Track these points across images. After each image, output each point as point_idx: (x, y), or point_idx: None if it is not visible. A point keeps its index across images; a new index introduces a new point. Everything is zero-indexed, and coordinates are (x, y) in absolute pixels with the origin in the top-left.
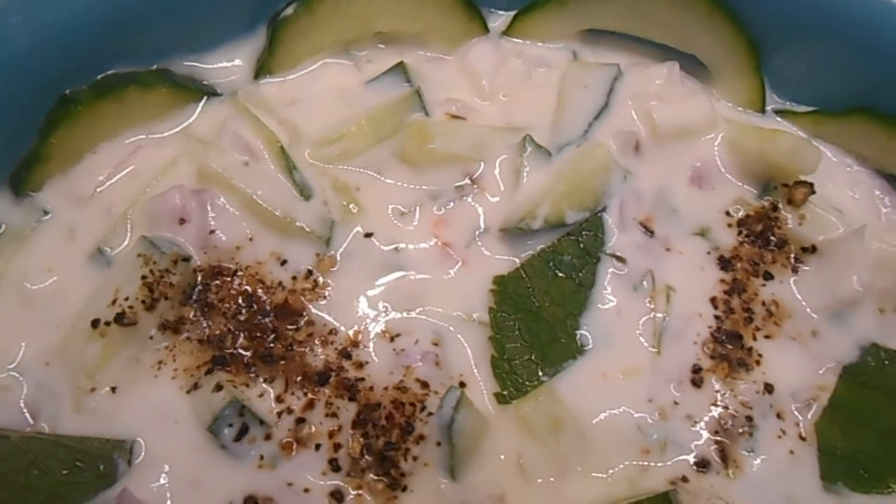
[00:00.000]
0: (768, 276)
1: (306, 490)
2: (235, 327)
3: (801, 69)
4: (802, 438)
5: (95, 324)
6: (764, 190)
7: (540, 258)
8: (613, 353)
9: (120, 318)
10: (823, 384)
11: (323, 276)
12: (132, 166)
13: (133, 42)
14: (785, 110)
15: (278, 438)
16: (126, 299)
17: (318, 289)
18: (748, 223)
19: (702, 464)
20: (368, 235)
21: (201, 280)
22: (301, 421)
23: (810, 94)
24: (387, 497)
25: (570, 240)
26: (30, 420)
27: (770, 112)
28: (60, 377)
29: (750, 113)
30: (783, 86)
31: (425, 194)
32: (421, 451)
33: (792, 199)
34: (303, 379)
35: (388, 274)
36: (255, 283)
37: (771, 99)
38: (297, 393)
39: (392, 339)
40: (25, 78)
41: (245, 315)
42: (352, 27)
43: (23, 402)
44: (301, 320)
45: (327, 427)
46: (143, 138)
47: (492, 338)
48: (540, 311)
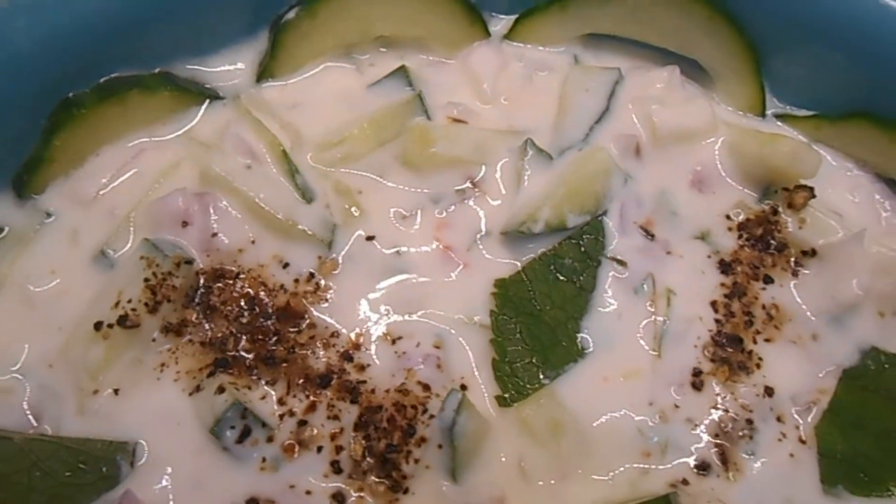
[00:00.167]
0: (768, 280)
1: (308, 492)
2: (237, 330)
3: (802, 73)
4: (802, 441)
5: (98, 326)
6: (764, 194)
7: (541, 261)
8: (614, 356)
9: (123, 321)
10: (823, 387)
11: (325, 279)
12: (135, 169)
13: (136, 45)
14: (785, 114)
15: (280, 441)
16: (129, 301)
17: (320, 292)
18: (748, 227)
19: (702, 467)
20: (370, 238)
21: (204, 283)
22: (303, 423)
23: (810, 99)
24: (388, 499)
25: (571, 243)
26: (33, 422)
27: (770, 116)
28: (63, 379)
29: (750, 117)
30: (783, 90)
31: (427, 197)
32: (422, 454)
33: (792, 203)
34: (305, 381)
35: (390, 277)
36: (258, 286)
37: (771, 103)
38: (299, 395)
39: (394, 342)
40: (29, 81)
41: (247, 318)
42: (353, 31)
43: (26, 404)
44: (303, 323)
45: (329, 429)
46: (146, 141)
47: (493, 341)
48: (541, 315)
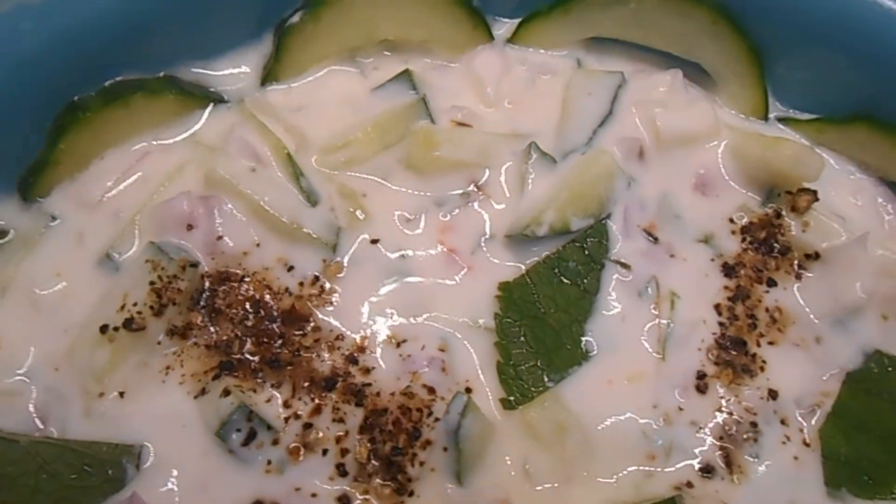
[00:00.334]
0: (772, 283)
1: (314, 495)
2: (243, 333)
3: (804, 77)
4: (806, 444)
5: (104, 329)
6: (767, 197)
7: (545, 264)
8: (618, 359)
9: (128, 324)
10: (827, 390)
11: (329, 282)
12: (140, 172)
13: (140, 49)
14: (788, 118)
15: (286, 443)
16: (134, 305)
17: (325, 295)
18: (752, 230)
19: (706, 469)
20: (375, 241)
21: (209, 286)
22: (308, 426)
23: (813, 102)
24: (393, 502)
25: (575, 246)
26: (39, 424)
27: (773, 120)
28: (69, 382)
29: (753, 120)
30: (786, 93)
31: (431, 201)
32: (427, 457)
33: (795, 207)
34: (310, 384)
35: (395, 280)
36: (262, 289)
37: (774, 107)
38: (305, 398)
39: (398, 345)
40: (34, 84)
41: (252, 321)
42: (357, 35)
43: (32, 407)
44: (308, 326)
45: (334, 432)
46: (151, 144)
47: (497, 343)
48: (545, 318)
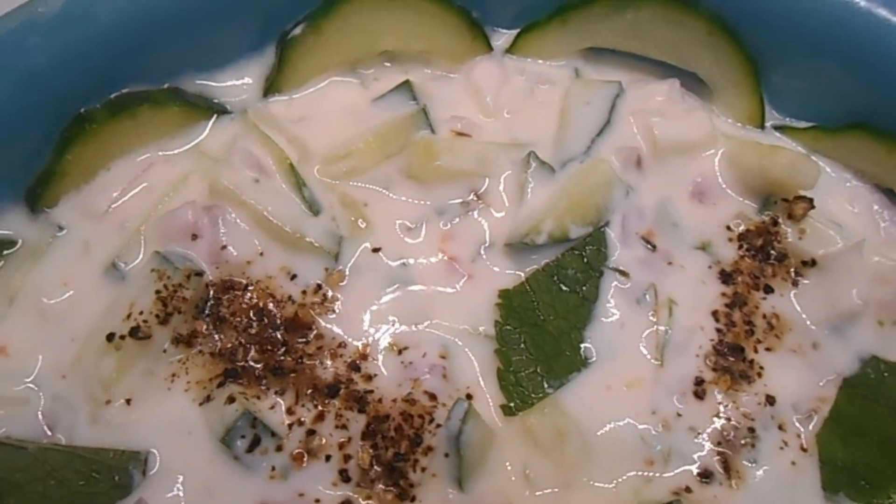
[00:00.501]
0: (769, 290)
1: (317, 500)
2: (247, 340)
3: (800, 85)
4: (804, 449)
5: (110, 337)
6: (764, 205)
7: (544, 272)
8: (617, 366)
9: (134, 332)
10: (824, 396)
11: (332, 291)
12: (145, 183)
13: (146, 62)
14: (784, 126)
15: (289, 450)
16: (140, 313)
17: (328, 303)
18: (749, 237)
19: (705, 474)
20: (376, 250)
21: (213, 294)
22: (311, 432)
23: (809, 110)
24: None
25: (574, 254)
26: (47, 431)
27: (769, 128)
28: (76, 389)
29: (749, 129)
30: (782, 102)
31: (432, 210)
32: (429, 462)
33: (792, 214)
34: (313, 391)
35: (396, 288)
36: (266, 298)
37: (770, 115)
38: (308, 405)
39: (400, 352)
40: (42, 97)
41: (256, 328)
42: (358, 46)
43: (40, 414)
44: (311, 334)
45: (337, 438)
46: (156, 155)
47: (498, 351)
48: (545, 325)
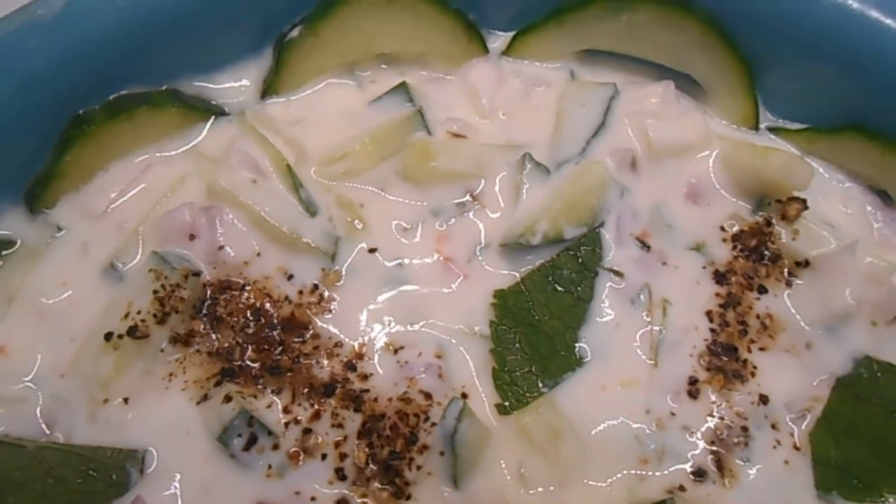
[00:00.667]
0: (763, 290)
1: (313, 499)
2: (244, 340)
3: (794, 87)
4: (797, 448)
5: (108, 337)
6: (758, 206)
7: (539, 273)
8: (611, 366)
9: (132, 332)
10: (817, 395)
11: (328, 291)
12: (143, 184)
13: (144, 63)
14: (778, 128)
15: (286, 448)
16: (138, 313)
17: (324, 303)
18: (742, 238)
19: (698, 473)
20: (372, 251)
21: (210, 294)
22: (308, 431)
23: (803, 112)
24: None
25: (569, 255)
26: (45, 430)
27: (763, 129)
28: (75, 389)
29: (744, 130)
30: (776, 104)
31: (427, 211)
32: (424, 461)
33: (785, 215)
34: (309, 390)
35: (392, 288)
36: (263, 297)
37: (764, 116)
38: (304, 404)
39: (396, 352)
40: (41, 98)
41: (253, 328)
42: (355, 48)
43: (39, 413)
44: (307, 333)
45: (333, 437)
46: (154, 157)
47: (493, 350)
48: (540, 325)
